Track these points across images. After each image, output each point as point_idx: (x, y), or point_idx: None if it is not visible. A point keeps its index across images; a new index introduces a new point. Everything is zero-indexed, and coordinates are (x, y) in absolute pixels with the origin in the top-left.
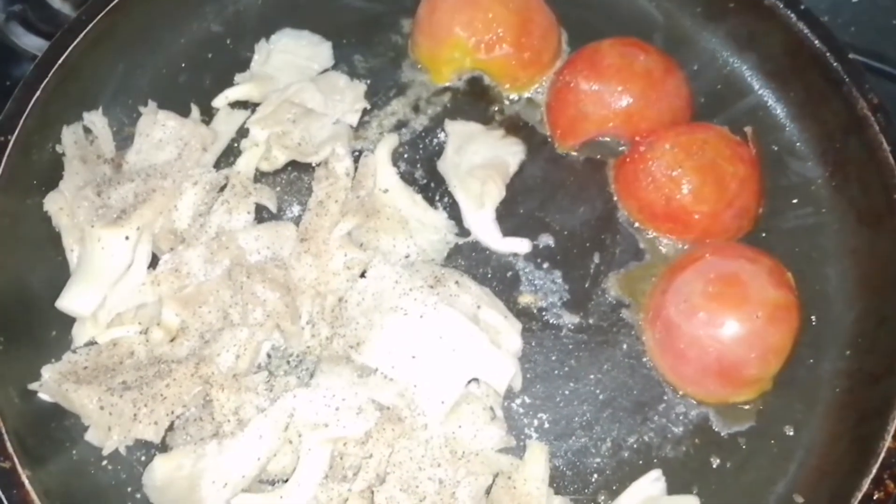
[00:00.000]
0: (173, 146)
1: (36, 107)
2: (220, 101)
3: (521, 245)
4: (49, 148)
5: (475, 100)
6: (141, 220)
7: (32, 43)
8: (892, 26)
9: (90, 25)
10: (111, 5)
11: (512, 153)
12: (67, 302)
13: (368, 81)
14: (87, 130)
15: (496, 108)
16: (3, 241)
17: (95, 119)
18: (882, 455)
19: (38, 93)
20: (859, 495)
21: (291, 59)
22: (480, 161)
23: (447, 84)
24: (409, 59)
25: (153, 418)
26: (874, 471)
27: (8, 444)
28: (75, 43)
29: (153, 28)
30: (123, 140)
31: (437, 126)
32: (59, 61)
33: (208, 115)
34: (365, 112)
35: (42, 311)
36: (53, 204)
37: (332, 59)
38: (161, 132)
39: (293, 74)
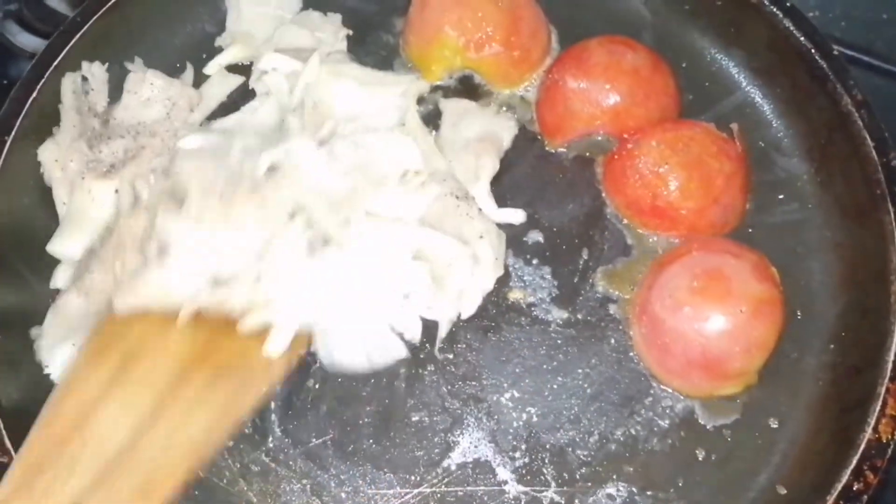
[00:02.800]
0: (161, 105)
1: (33, 107)
2: (212, 69)
3: (516, 215)
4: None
5: (466, 98)
6: (130, 174)
7: (28, 42)
8: (882, 20)
9: (86, 27)
10: (106, 6)
11: (505, 128)
12: (57, 246)
13: None
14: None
15: None
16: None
17: (95, 70)
18: (862, 447)
19: (34, 94)
20: (839, 486)
21: (262, 11)
22: (475, 136)
23: (438, 83)
24: (401, 58)
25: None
26: (854, 462)
27: (6, 440)
28: (71, 44)
29: (148, 29)
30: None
31: (428, 123)
32: (56, 62)
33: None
34: None
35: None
36: (48, 154)
37: (300, 2)
38: (149, 91)
39: (268, 25)
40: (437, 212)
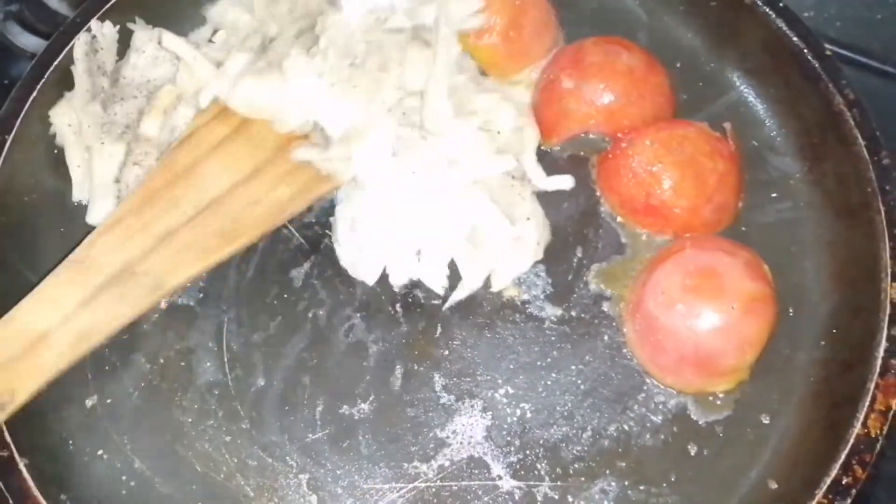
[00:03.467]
0: (169, 63)
1: (33, 107)
2: (220, 37)
3: (566, 181)
4: (47, 147)
5: None
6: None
7: (29, 42)
8: (877, 21)
9: (85, 27)
10: (105, 7)
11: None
12: (95, 217)
13: None
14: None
15: None
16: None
17: (105, 30)
18: (851, 442)
19: (34, 93)
20: (828, 481)
21: None
22: None
23: None
24: None
25: None
26: (843, 457)
27: (6, 434)
28: (71, 44)
29: None
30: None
31: None
32: (55, 62)
33: None
34: None
35: None
36: (61, 118)
37: None
38: (155, 48)
39: None
40: (493, 185)
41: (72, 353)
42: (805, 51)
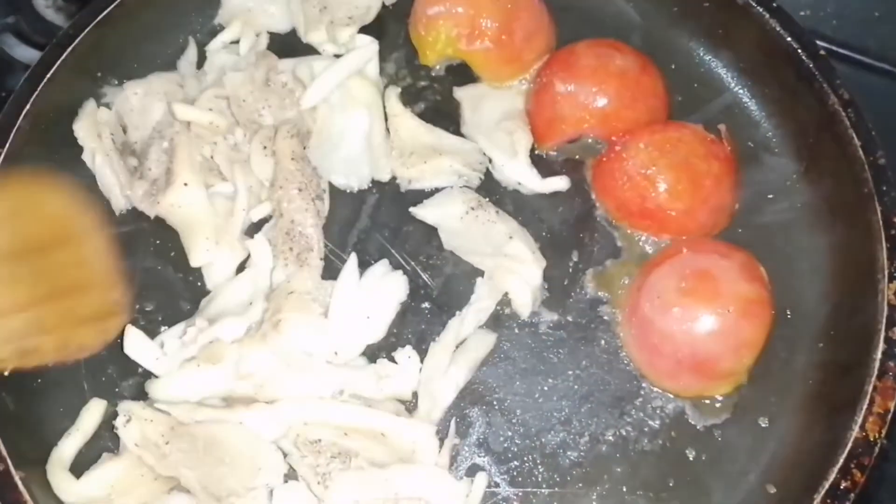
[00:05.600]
0: (158, 101)
1: (26, 119)
2: (215, 46)
3: (561, 183)
4: (40, 158)
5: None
6: (183, 166)
7: (27, 54)
8: (874, 18)
9: (78, 39)
10: (98, 18)
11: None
12: (203, 259)
13: None
14: None
15: None
16: None
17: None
18: (849, 445)
19: (28, 105)
20: (827, 485)
21: None
22: (500, 115)
23: (434, 67)
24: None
25: None
26: (841, 460)
27: (2, 447)
28: (63, 56)
29: (141, 40)
30: None
31: (439, 114)
32: (48, 75)
33: None
34: None
35: None
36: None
37: None
38: (138, 100)
39: None
40: (459, 226)
41: None
42: (799, 51)
